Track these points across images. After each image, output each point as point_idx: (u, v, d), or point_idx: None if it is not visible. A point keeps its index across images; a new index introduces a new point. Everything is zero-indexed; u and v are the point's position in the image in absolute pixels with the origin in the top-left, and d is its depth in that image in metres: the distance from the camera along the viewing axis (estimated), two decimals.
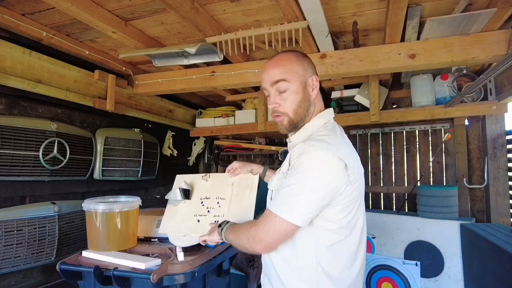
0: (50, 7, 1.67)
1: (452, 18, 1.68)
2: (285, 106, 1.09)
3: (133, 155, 2.59)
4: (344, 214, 1.01)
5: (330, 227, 1.01)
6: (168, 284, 1.22)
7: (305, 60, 1.11)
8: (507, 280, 1.74)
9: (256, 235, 1.00)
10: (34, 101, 1.99)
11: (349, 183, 0.98)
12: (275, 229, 0.97)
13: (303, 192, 0.95)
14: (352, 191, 1.00)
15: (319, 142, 1.00)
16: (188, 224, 1.48)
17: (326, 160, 0.95)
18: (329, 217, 1.00)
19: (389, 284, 2.65)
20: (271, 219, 0.98)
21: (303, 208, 0.95)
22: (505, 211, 2.65)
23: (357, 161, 1.05)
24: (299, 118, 1.09)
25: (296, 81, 1.07)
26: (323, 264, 1.01)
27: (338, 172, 0.96)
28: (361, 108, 2.96)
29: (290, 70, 1.07)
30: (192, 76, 2.44)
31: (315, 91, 1.10)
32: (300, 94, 1.08)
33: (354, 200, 1.02)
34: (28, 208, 1.81)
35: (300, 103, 1.08)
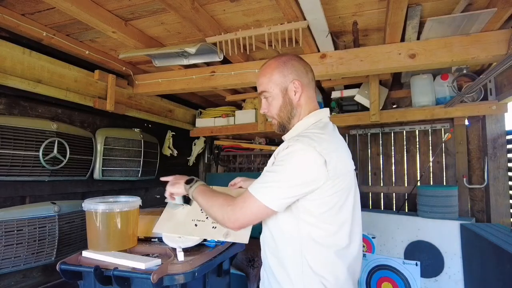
0: (50, 7, 1.67)
1: (452, 18, 1.68)
2: (271, 111, 1.21)
3: (133, 155, 2.59)
4: (325, 209, 1.04)
5: (312, 221, 1.04)
6: (168, 284, 1.22)
7: (286, 67, 1.16)
8: (507, 280, 1.74)
9: (233, 214, 1.06)
10: (34, 101, 1.99)
11: (329, 178, 1.01)
12: (252, 210, 1.03)
13: (281, 179, 1.01)
14: (332, 186, 1.03)
15: (302, 137, 1.06)
16: (185, 227, 1.47)
17: (305, 154, 1.01)
18: (310, 211, 1.04)
19: (389, 284, 2.65)
20: (249, 199, 1.04)
21: (278, 193, 1.01)
22: (505, 211, 2.65)
23: (342, 158, 1.09)
24: (284, 120, 1.19)
25: (275, 89, 1.17)
26: (308, 258, 1.05)
27: (316, 166, 1.00)
28: (361, 108, 2.96)
29: (269, 80, 1.17)
30: (192, 76, 2.44)
31: (298, 94, 1.15)
32: (280, 100, 1.17)
33: (336, 196, 1.05)
34: (28, 208, 1.81)
35: (281, 107, 1.18)
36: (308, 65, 1.21)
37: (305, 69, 1.18)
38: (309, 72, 1.20)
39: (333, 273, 1.05)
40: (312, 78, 1.21)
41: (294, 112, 1.18)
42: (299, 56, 1.23)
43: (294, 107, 1.17)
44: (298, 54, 2.14)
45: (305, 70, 1.18)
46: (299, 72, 1.16)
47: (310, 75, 1.20)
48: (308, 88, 1.18)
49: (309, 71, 1.20)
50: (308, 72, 1.19)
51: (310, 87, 1.19)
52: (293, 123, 1.19)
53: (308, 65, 1.21)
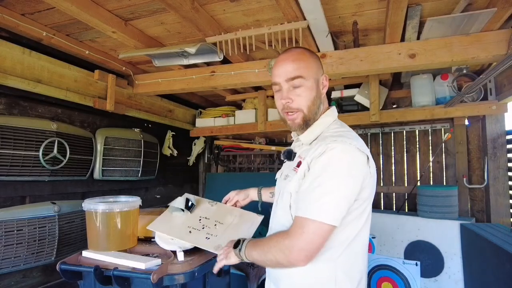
0: (50, 7, 1.67)
1: (452, 18, 1.68)
2: (299, 102, 1.07)
3: (133, 155, 2.59)
4: (361, 209, 1.00)
5: (349, 221, 0.98)
6: (168, 284, 1.22)
7: (318, 60, 1.13)
8: (507, 280, 1.74)
9: (294, 246, 0.93)
10: (34, 101, 1.99)
11: (371, 176, 0.99)
12: (315, 234, 0.91)
13: (336, 189, 0.92)
14: (372, 184, 1.00)
15: (339, 137, 0.98)
16: (180, 231, 1.44)
17: (351, 154, 0.95)
18: (350, 212, 0.98)
19: (389, 284, 2.65)
20: (308, 225, 0.91)
21: (338, 206, 0.92)
22: (505, 211, 2.65)
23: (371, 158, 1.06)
24: (311, 115, 1.08)
25: (311, 78, 1.07)
26: (340, 261, 0.99)
27: (362, 165, 0.96)
28: (361, 108, 2.97)
29: (307, 66, 1.07)
30: (192, 76, 2.44)
31: (325, 90, 1.12)
32: (314, 91, 1.07)
33: (371, 194, 1.02)
34: (28, 208, 1.81)
35: (314, 100, 1.07)
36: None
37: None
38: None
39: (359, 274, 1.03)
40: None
41: (321, 108, 1.11)
42: None
43: (322, 101, 1.12)
44: None
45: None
46: (323, 68, 1.15)
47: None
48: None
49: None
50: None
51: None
52: (315, 119, 1.09)
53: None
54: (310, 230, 0.91)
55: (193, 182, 3.82)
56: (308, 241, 0.91)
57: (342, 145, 0.95)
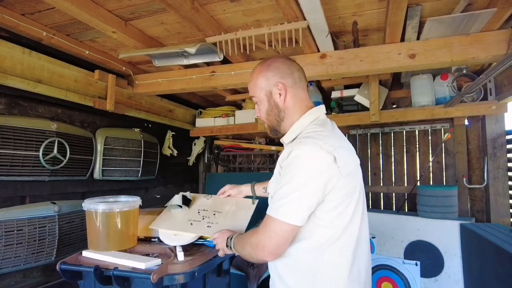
0: (50, 7, 1.67)
1: (452, 18, 1.68)
2: (261, 115, 1.20)
3: (133, 155, 2.59)
4: (340, 209, 0.99)
5: (326, 223, 0.99)
6: (168, 284, 1.22)
7: (269, 70, 1.14)
8: (507, 280, 1.74)
9: (258, 242, 1.00)
10: (34, 101, 1.99)
11: (341, 176, 0.96)
12: (276, 232, 0.96)
13: (296, 190, 0.95)
14: (346, 184, 0.98)
15: (305, 139, 1.01)
16: (181, 225, 1.52)
17: (313, 154, 0.96)
18: (325, 213, 0.98)
19: (389, 284, 2.65)
20: (270, 223, 0.97)
21: (298, 206, 0.95)
22: (505, 211, 2.65)
23: (349, 153, 1.05)
24: (273, 124, 1.17)
25: (261, 93, 1.16)
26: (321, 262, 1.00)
27: (327, 166, 0.95)
28: (361, 108, 2.97)
29: (254, 85, 1.17)
30: (192, 76, 2.44)
31: (283, 96, 1.12)
32: (266, 104, 1.16)
33: (349, 194, 1.00)
34: (28, 208, 1.81)
35: (268, 111, 1.16)
36: (294, 65, 1.16)
37: (290, 69, 1.14)
38: (296, 71, 1.15)
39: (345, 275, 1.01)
40: (300, 77, 1.15)
41: (283, 115, 1.14)
42: (286, 57, 1.20)
43: (281, 109, 1.14)
44: (298, 54, 2.17)
45: (290, 71, 1.13)
46: (283, 73, 1.13)
47: (297, 75, 1.14)
48: (294, 89, 1.13)
49: (296, 70, 1.15)
50: (293, 73, 1.14)
51: (297, 87, 1.14)
52: (284, 125, 1.15)
53: (295, 65, 1.16)
54: (271, 228, 0.97)
55: (193, 182, 3.82)
56: (269, 239, 0.97)
57: (305, 146, 0.97)
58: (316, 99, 3.07)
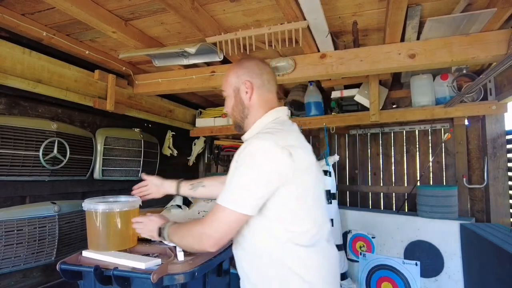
0: (50, 7, 1.67)
1: (452, 18, 1.68)
2: (228, 110, 1.26)
3: (133, 155, 2.59)
4: (295, 205, 1.01)
5: (284, 218, 1.01)
6: (168, 284, 1.22)
7: (240, 68, 1.20)
8: (507, 280, 1.74)
9: (204, 233, 1.01)
10: (34, 101, 1.99)
11: (296, 171, 0.99)
12: (225, 222, 0.99)
13: (248, 180, 0.97)
14: (301, 180, 1.00)
15: (262, 134, 1.05)
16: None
17: (268, 149, 0.98)
18: (280, 208, 1.00)
19: (389, 284, 2.65)
20: (219, 212, 0.99)
21: (248, 195, 0.97)
22: (505, 211, 2.65)
23: (305, 151, 1.07)
24: (237, 119, 1.23)
25: (229, 89, 1.22)
26: (286, 259, 1.01)
27: (281, 160, 0.97)
28: (361, 108, 2.97)
29: (225, 81, 1.23)
30: (192, 76, 2.44)
31: (249, 94, 1.17)
32: (233, 100, 1.21)
33: (305, 190, 1.03)
34: (28, 208, 1.81)
35: (234, 107, 1.22)
36: (265, 68, 1.21)
37: (260, 71, 1.18)
38: (265, 74, 1.19)
39: (311, 270, 1.02)
40: (269, 80, 1.20)
41: (246, 112, 1.19)
42: (259, 59, 1.25)
43: (246, 107, 1.18)
44: (298, 54, 2.17)
45: (260, 72, 1.18)
46: (252, 73, 1.18)
47: (266, 77, 1.19)
48: (261, 90, 1.18)
49: (266, 73, 1.19)
50: (263, 74, 1.18)
51: (264, 89, 1.18)
52: (247, 122, 1.20)
53: (266, 68, 1.21)
54: (221, 217, 0.99)
55: None
56: (217, 228, 0.99)
57: (260, 140, 1.00)
58: (316, 99, 3.07)
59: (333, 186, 3.01)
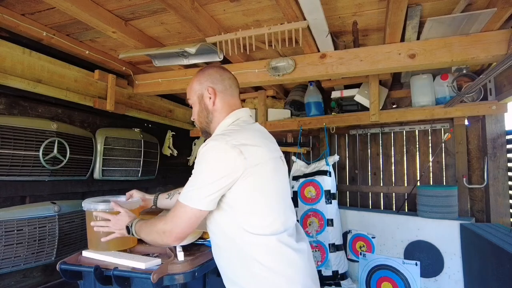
0: (50, 7, 1.67)
1: (452, 18, 1.68)
2: (194, 117, 1.29)
3: (133, 155, 2.59)
4: (254, 198, 1.06)
5: (245, 212, 1.06)
6: (168, 284, 1.22)
7: (203, 75, 1.25)
8: (507, 280, 1.74)
9: (166, 228, 1.07)
10: (34, 101, 1.99)
11: (248, 166, 1.03)
12: (183, 217, 1.05)
13: (201, 178, 1.05)
14: (255, 174, 1.05)
15: (216, 136, 1.11)
16: None
17: (219, 148, 1.04)
18: (239, 203, 1.06)
19: (389, 284, 2.65)
20: (178, 209, 1.06)
21: (202, 192, 1.03)
22: (505, 211, 2.65)
23: (261, 146, 1.10)
24: (203, 125, 1.27)
25: (193, 96, 1.26)
26: (254, 252, 1.05)
27: (231, 157, 1.02)
28: (361, 108, 2.97)
29: (190, 88, 1.28)
30: (192, 76, 2.44)
31: (212, 100, 1.22)
32: (197, 106, 1.26)
33: (262, 183, 1.07)
34: (28, 208, 1.81)
35: (199, 113, 1.26)
36: (226, 73, 1.27)
37: (222, 77, 1.24)
38: (227, 79, 1.25)
39: (282, 262, 1.06)
40: (230, 85, 1.25)
41: (211, 117, 1.23)
42: (221, 66, 1.30)
43: (210, 111, 1.23)
44: (298, 54, 2.17)
45: (221, 78, 1.24)
46: (214, 79, 1.23)
47: (228, 82, 1.24)
48: (224, 95, 1.23)
49: (227, 78, 1.25)
50: (224, 80, 1.24)
51: (227, 94, 1.23)
52: (212, 127, 1.24)
53: (227, 74, 1.27)
54: (178, 213, 1.06)
55: None
56: (177, 223, 1.06)
57: (213, 141, 1.06)
58: (316, 99, 3.07)
59: (333, 186, 3.01)
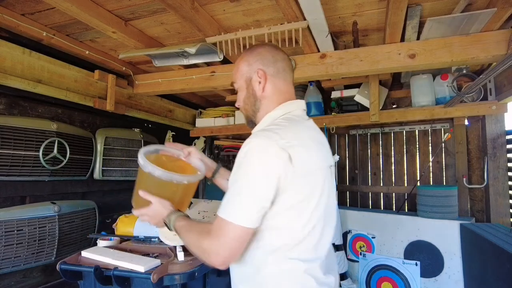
0: (50, 7, 1.67)
1: (452, 18, 1.68)
2: (240, 104, 1.13)
3: (133, 155, 2.59)
4: (291, 214, 0.89)
5: (275, 227, 0.90)
6: (168, 284, 1.22)
7: (252, 55, 1.07)
8: (507, 280, 1.74)
9: (212, 249, 0.88)
10: (34, 101, 1.99)
11: (295, 177, 0.87)
12: (230, 236, 0.85)
13: (245, 189, 0.86)
14: (300, 186, 0.89)
15: (262, 131, 0.92)
16: None
17: (264, 149, 0.86)
18: (273, 217, 0.89)
19: (389, 284, 2.65)
20: (222, 227, 0.87)
21: (248, 207, 0.85)
22: (505, 211, 2.65)
23: (311, 153, 0.95)
24: (249, 114, 1.10)
25: (240, 80, 1.09)
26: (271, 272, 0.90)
27: (279, 163, 0.85)
28: (361, 108, 2.97)
29: (236, 70, 1.11)
30: (192, 76, 2.44)
31: (261, 85, 1.04)
32: (244, 91, 1.09)
33: (304, 197, 0.90)
34: (28, 208, 1.81)
35: (245, 99, 1.09)
36: (280, 54, 1.07)
37: (274, 58, 1.05)
38: (280, 61, 1.06)
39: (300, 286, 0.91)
40: (284, 68, 1.06)
41: (258, 105, 1.06)
42: (272, 45, 1.11)
43: (258, 99, 1.06)
44: (298, 54, 2.17)
45: (274, 59, 1.05)
46: (265, 60, 1.05)
47: (281, 65, 1.06)
48: (276, 79, 1.05)
49: (280, 60, 1.06)
50: (277, 62, 1.05)
51: (279, 78, 1.05)
52: (259, 117, 1.07)
53: (280, 54, 1.07)
54: (225, 232, 0.86)
55: None
56: (225, 245, 0.86)
57: (258, 139, 0.88)
58: (316, 99, 3.07)
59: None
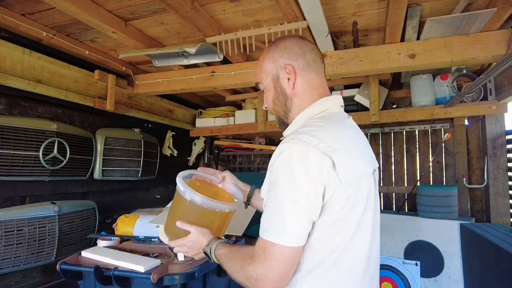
0: (50, 7, 1.67)
1: (452, 18, 1.68)
2: (268, 106, 1.04)
3: (133, 155, 2.59)
4: (335, 228, 0.81)
5: (318, 243, 0.81)
6: (168, 284, 1.22)
7: (276, 50, 0.97)
8: (507, 280, 1.74)
9: (258, 274, 0.78)
10: (34, 101, 1.99)
11: (340, 186, 0.78)
12: (277, 258, 0.76)
13: (290, 203, 0.77)
14: (345, 197, 0.80)
15: (298, 135, 0.82)
16: None
17: (306, 156, 0.77)
18: (317, 231, 0.81)
19: (389, 284, 2.65)
20: (269, 249, 0.78)
21: (295, 223, 0.77)
22: (505, 211, 2.65)
23: (355, 158, 0.85)
24: (280, 115, 1.01)
25: (267, 79, 0.99)
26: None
27: (323, 170, 0.77)
28: (361, 108, 2.96)
29: (261, 69, 1.01)
30: (192, 76, 2.44)
31: (291, 81, 0.94)
32: (272, 91, 0.99)
33: (349, 210, 0.81)
34: (28, 208, 1.81)
35: (274, 99, 1.00)
36: (308, 44, 0.97)
37: (302, 49, 0.95)
38: (308, 52, 0.96)
39: None
40: (314, 59, 0.96)
41: (290, 104, 0.96)
42: (298, 36, 1.03)
43: (289, 97, 0.96)
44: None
45: (301, 51, 0.95)
46: (292, 54, 0.95)
47: (310, 56, 0.95)
48: (306, 72, 0.95)
49: (309, 51, 0.96)
50: (306, 53, 0.95)
51: (310, 71, 0.95)
52: (291, 117, 0.97)
53: (308, 45, 0.97)
54: (272, 255, 0.77)
55: None
56: (271, 269, 0.77)
57: (297, 146, 0.78)
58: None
59: None
